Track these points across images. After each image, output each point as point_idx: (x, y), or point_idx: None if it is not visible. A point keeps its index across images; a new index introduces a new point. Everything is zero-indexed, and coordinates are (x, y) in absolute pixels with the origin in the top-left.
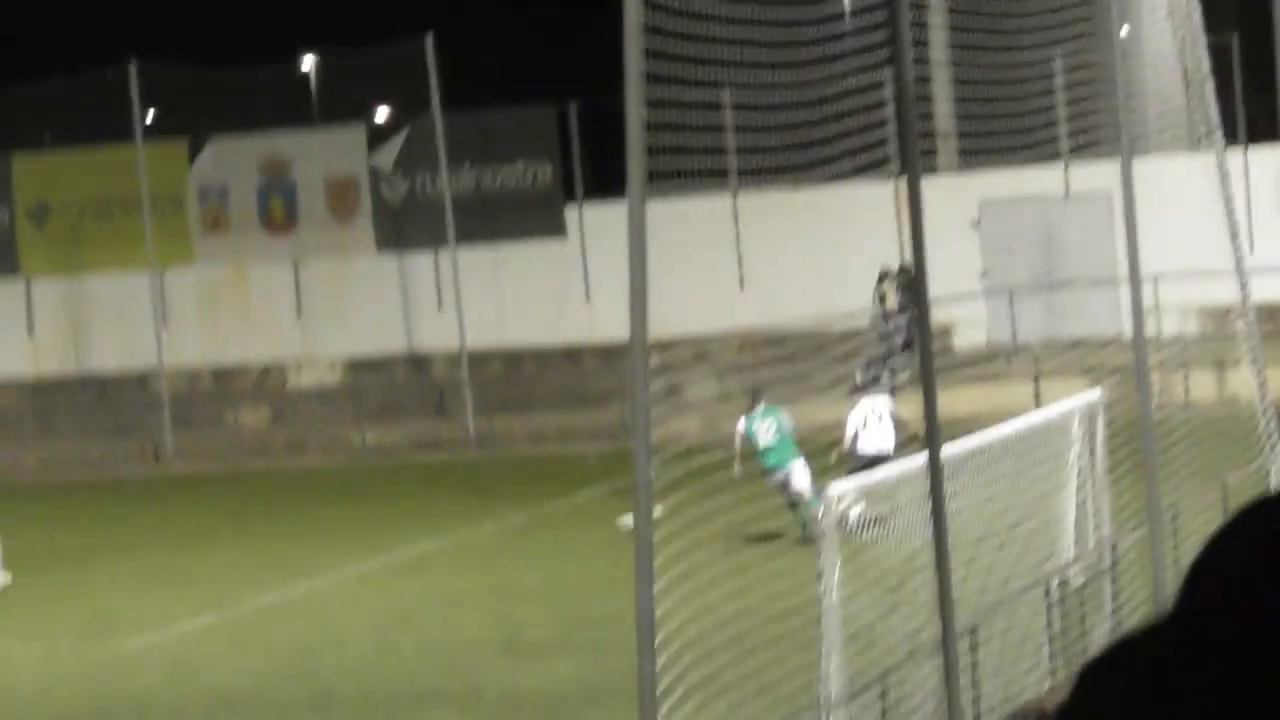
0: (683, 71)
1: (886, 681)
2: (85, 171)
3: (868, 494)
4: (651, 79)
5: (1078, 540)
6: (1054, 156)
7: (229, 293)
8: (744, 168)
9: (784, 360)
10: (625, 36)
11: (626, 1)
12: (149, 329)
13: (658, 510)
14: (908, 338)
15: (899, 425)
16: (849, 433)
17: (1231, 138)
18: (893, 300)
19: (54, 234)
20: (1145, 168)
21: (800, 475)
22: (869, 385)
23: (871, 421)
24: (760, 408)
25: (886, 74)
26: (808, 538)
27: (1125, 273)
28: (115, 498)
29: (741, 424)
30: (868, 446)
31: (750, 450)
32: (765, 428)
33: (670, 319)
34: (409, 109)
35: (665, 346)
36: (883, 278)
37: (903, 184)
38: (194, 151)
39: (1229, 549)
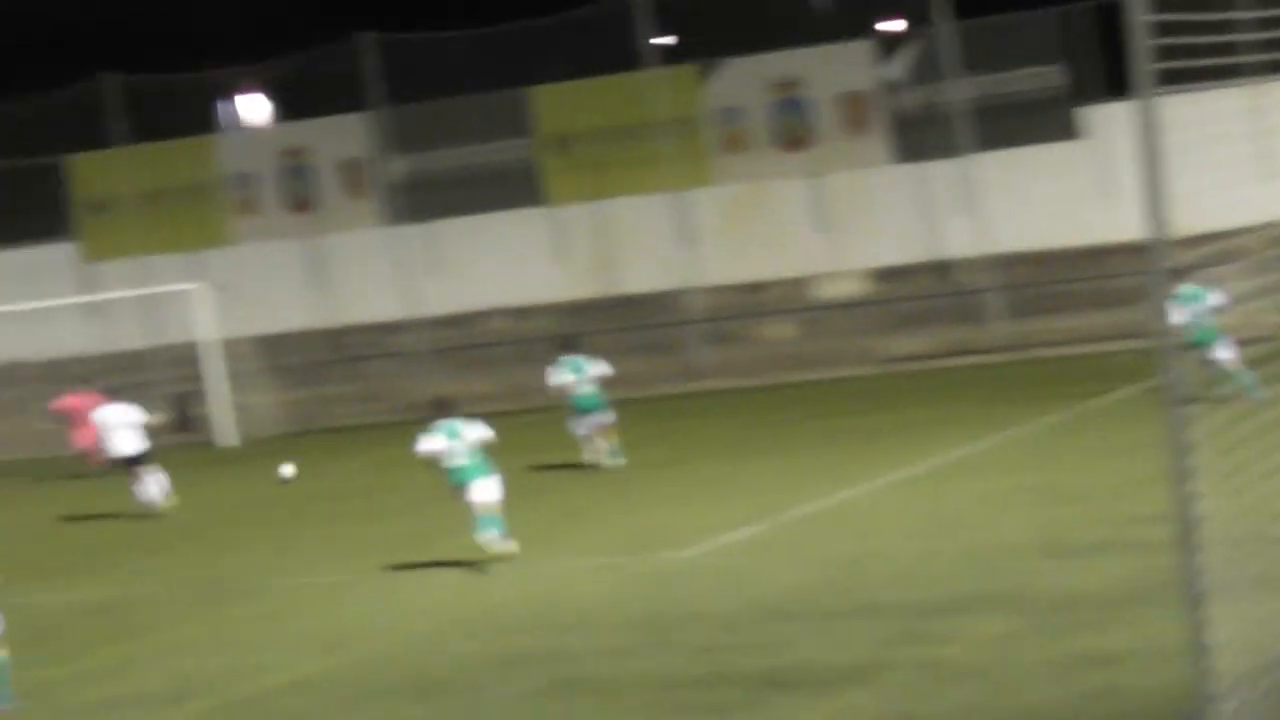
0: None
1: None
2: (602, 100)
3: None
4: None
5: None
6: None
7: (749, 210)
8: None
9: None
10: None
11: None
12: (674, 250)
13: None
14: None
15: None
16: None
17: None
18: None
19: (576, 162)
20: None
21: None
22: None
23: None
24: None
25: None
26: None
27: None
28: (652, 415)
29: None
30: None
31: None
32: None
33: (1196, 215)
34: (916, 20)
35: (1192, 242)
36: None
37: None
38: (706, 75)
39: None
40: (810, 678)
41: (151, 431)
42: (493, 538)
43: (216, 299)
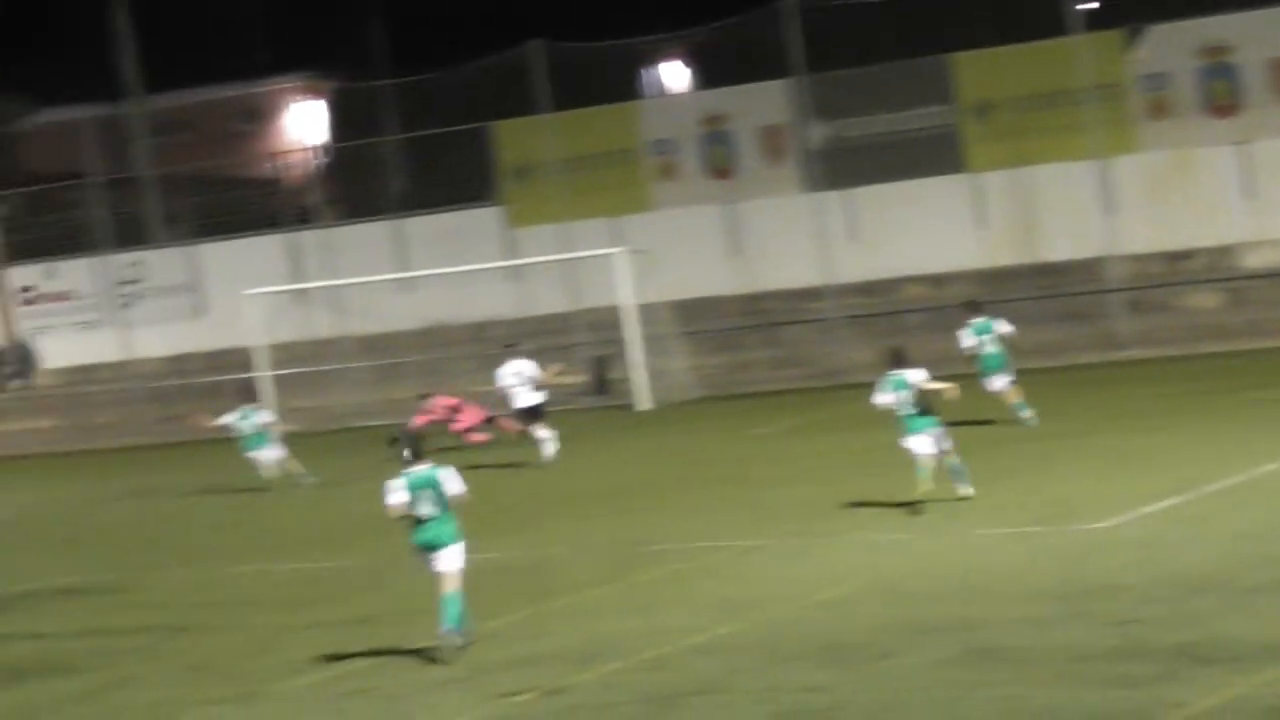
0: None
1: None
2: (1024, 66)
3: None
4: None
5: None
6: None
7: (1174, 177)
8: None
9: None
10: None
11: None
12: (1097, 217)
13: None
14: None
15: None
16: None
17: None
18: None
19: (997, 129)
20: None
21: None
22: None
23: None
24: None
25: None
26: None
27: None
28: (1070, 384)
29: None
30: None
31: None
32: None
33: None
34: None
35: None
36: None
37: None
38: (1131, 40)
39: None
40: (1227, 653)
41: (547, 386)
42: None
43: (636, 264)
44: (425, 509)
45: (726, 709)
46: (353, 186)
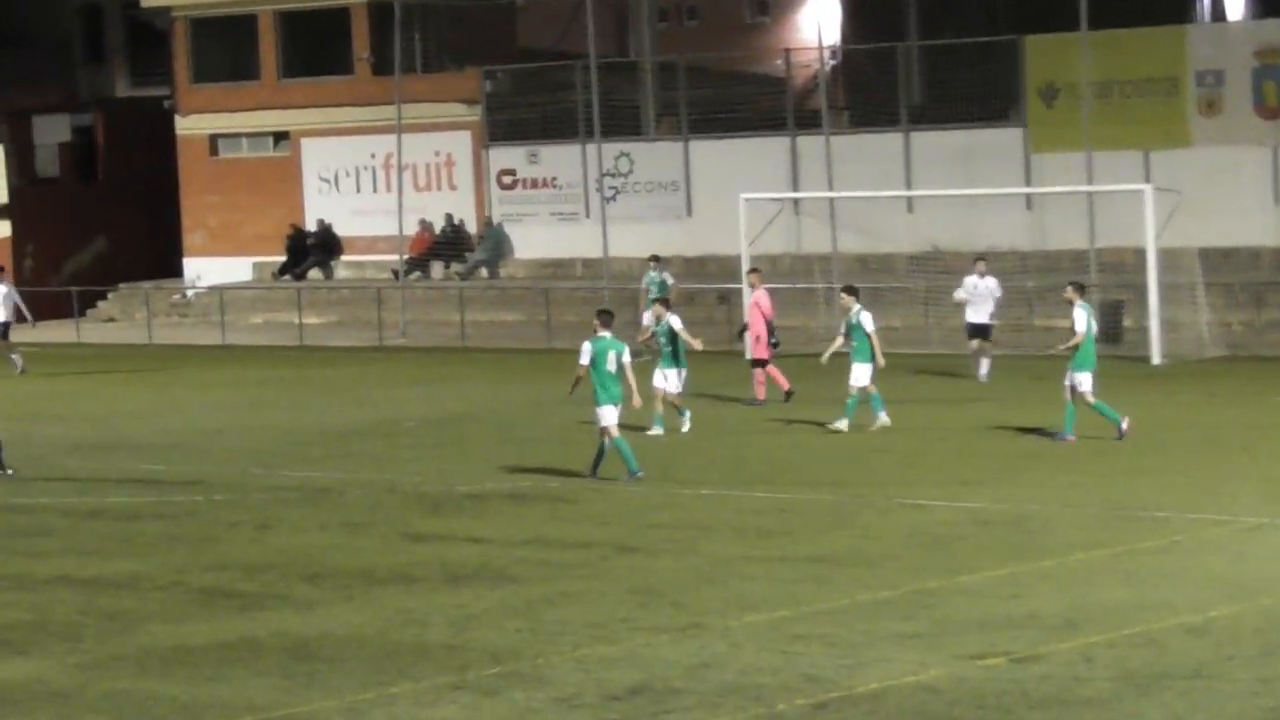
0: None
1: None
2: None
3: None
4: None
5: None
6: None
7: None
8: None
9: None
10: None
11: None
12: None
13: None
14: None
15: None
16: None
17: None
18: None
19: None
20: None
21: None
22: None
23: None
24: None
25: None
26: None
27: None
28: None
29: None
30: None
31: None
32: None
33: None
34: None
35: None
36: None
37: None
38: None
39: None
40: None
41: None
42: None
43: (1164, 204)
44: (610, 367)
45: (1215, 697)
46: (863, 93)
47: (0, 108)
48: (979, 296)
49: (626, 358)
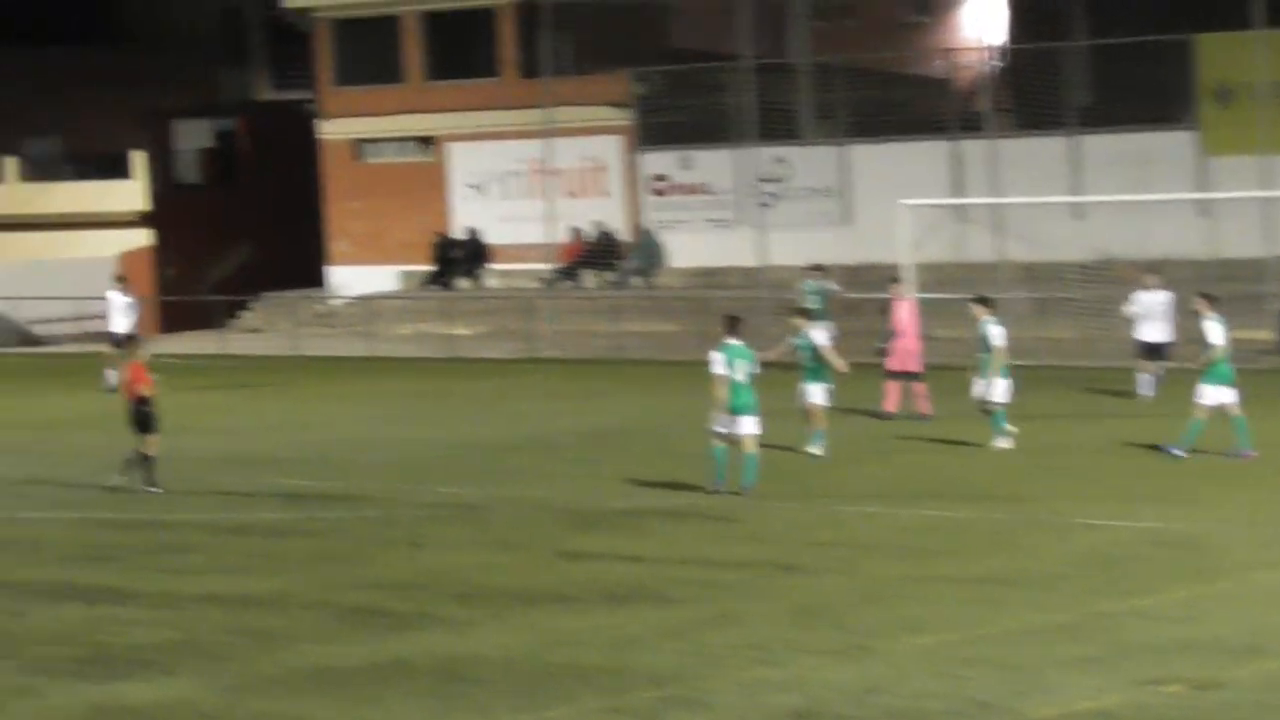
0: None
1: None
2: None
3: None
4: None
5: None
6: None
7: None
8: None
9: None
10: None
11: None
12: None
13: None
14: None
15: None
16: None
17: None
18: None
19: None
20: None
21: None
22: None
23: None
24: None
25: None
26: None
27: None
28: None
29: None
30: None
31: None
32: None
33: None
34: None
35: None
36: None
37: None
38: None
39: None
40: None
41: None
42: None
43: None
44: (739, 377)
45: None
46: (1028, 95)
47: (140, 111)
48: (1152, 312)
49: (755, 366)
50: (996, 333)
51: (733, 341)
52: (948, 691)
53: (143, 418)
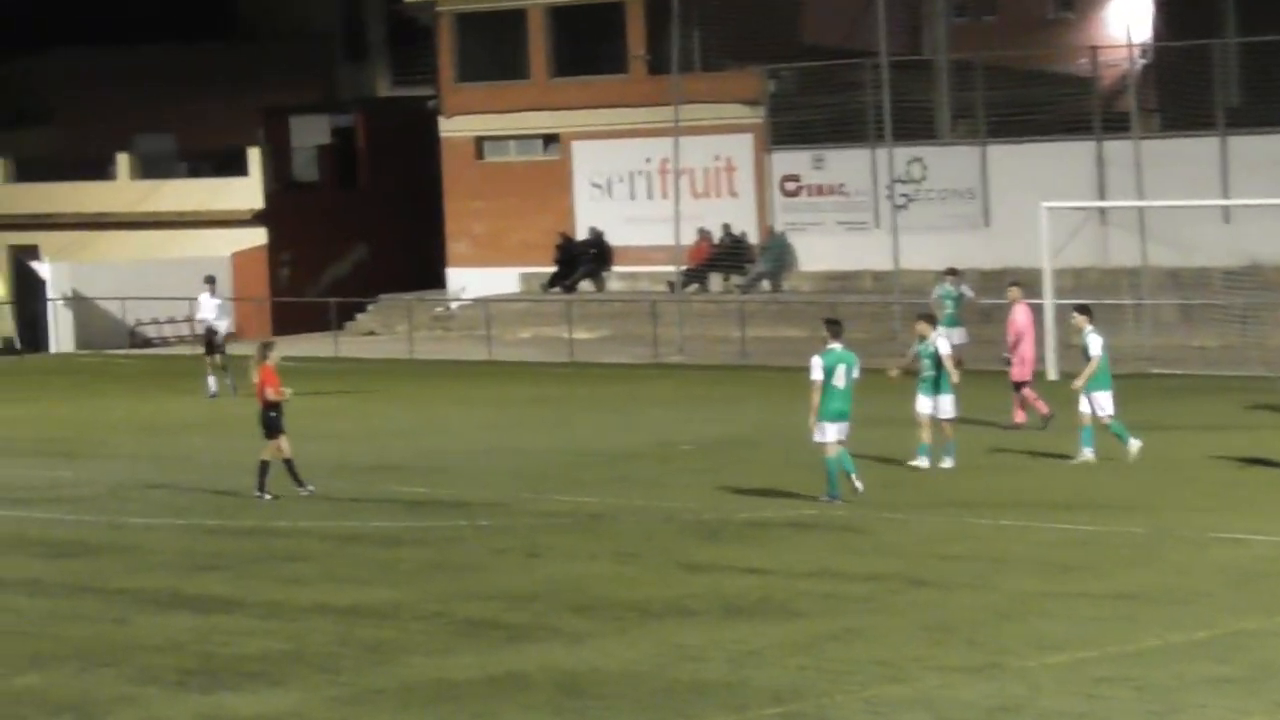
0: None
1: None
2: None
3: None
4: None
5: None
6: None
7: None
8: None
9: None
10: None
11: None
12: None
13: None
14: None
15: None
16: None
17: None
18: None
19: None
20: None
21: None
22: None
23: None
24: None
25: None
26: None
27: None
28: None
29: None
30: None
31: None
32: None
33: None
34: None
35: None
36: None
37: None
38: None
39: None
40: None
41: None
42: None
43: None
44: (839, 383)
45: None
46: (1175, 94)
47: (258, 107)
48: None
49: (856, 372)
50: (1096, 343)
51: (835, 346)
52: (1084, 711)
53: (269, 423)
